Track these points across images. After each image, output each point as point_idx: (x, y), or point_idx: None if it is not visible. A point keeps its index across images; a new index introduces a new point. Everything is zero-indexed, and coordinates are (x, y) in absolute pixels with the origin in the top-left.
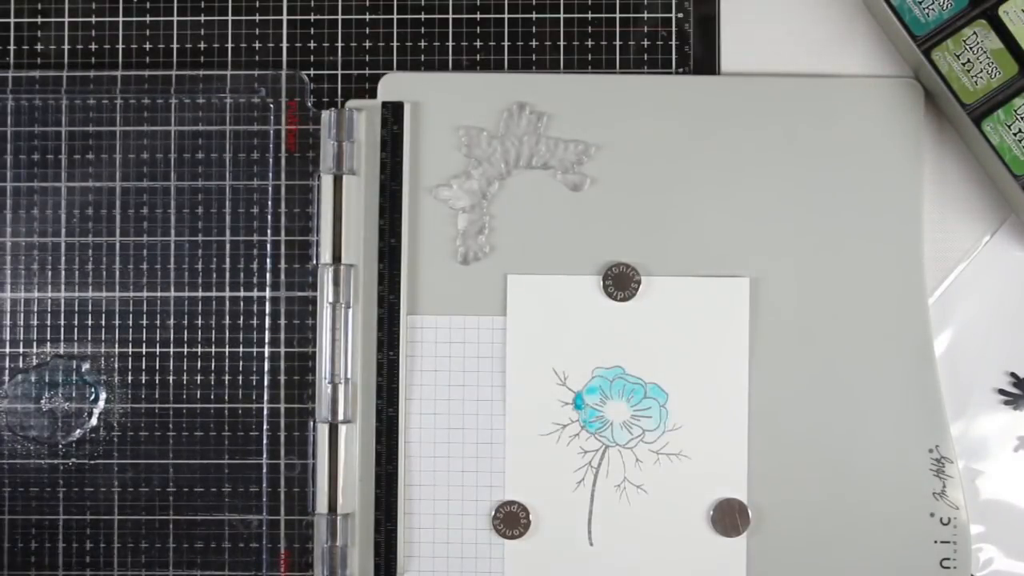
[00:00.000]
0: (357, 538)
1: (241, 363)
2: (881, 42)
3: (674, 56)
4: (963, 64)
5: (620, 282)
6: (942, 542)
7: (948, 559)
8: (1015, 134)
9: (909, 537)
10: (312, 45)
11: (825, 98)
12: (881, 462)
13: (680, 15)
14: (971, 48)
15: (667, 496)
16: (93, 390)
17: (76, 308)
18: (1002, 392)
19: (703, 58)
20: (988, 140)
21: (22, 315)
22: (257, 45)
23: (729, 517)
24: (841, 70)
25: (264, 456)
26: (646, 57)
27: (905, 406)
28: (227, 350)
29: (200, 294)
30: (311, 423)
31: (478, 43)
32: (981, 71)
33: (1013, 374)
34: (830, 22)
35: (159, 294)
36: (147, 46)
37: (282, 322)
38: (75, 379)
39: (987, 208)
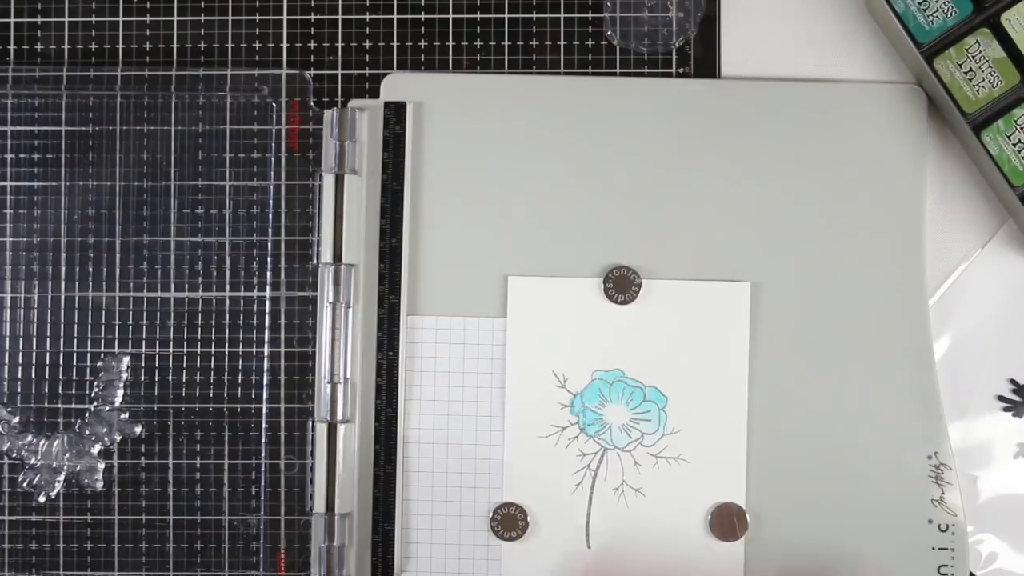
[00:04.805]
0: (355, 538)
1: (241, 363)
2: (884, 48)
3: (674, 56)
4: (965, 73)
5: (621, 285)
6: (940, 548)
7: (946, 566)
8: (1014, 144)
9: (907, 543)
10: (312, 45)
11: (828, 103)
12: (880, 468)
13: (680, 15)
14: (973, 56)
15: (665, 500)
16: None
17: (76, 308)
18: (1002, 399)
19: (703, 59)
20: (987, 150)
21: (22, 314)
22: (257, 45)
23: (727, 522)
24: (843, 75)
25: (263, 456)
26: (646, 57)
27: (904, 412)
28: (227, 350)
29: (200, 294)
30: (310, 423)
31: (478, 43)
32: (983, 80)
33: (1013, 380)
34: (832, 27)
35: (159, 294)
36: (147, 46)
37: (282, 322)
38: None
39: (988, 210)
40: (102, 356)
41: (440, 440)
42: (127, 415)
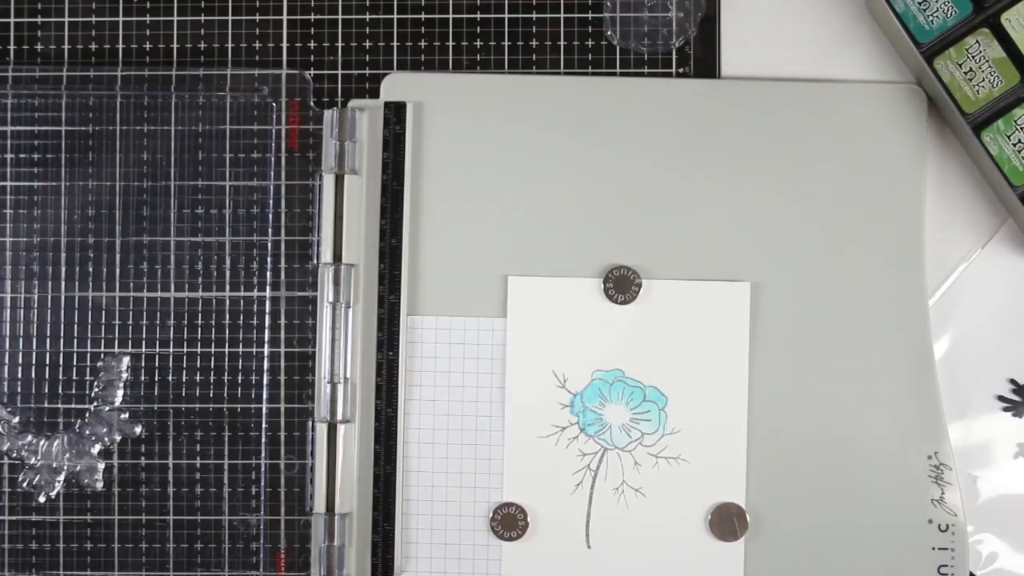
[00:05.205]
0: (355, 538)
1: (241, 363)
2: (884, 48)
3: (674, 56)
4: (965, 73)
5: (621, 285)
6: (940, 548)
7: (946, 565)
8: (1014, 145)
9: (907, 543)
10: (312, 45)
11: (827, 103)
12: (880, 468)
13: (680, 15)
14: (973, 56)
15: (665, 500)
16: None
17: (76, 308)
18: (1002, 399)
19: (703, 59)
20: (987, 150)
21: (22, 314)
22: (257, 45)
23: (727, 522)
24: (843, 75)
25: (263, 456)
26: (646, 57)
27: (904, 412)
28: (227, 350)
29: (200, 294)
30: (310, 423)
31: (478, 43)
32: (983, 80)
33: (1013, 380)
34: (832, 27)
35: (159, 294)
36: (147, 46)
37: (282, 322)
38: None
39: (988, 210)
40: (102, 356)
41: (440, 440)
42: (127, 415)
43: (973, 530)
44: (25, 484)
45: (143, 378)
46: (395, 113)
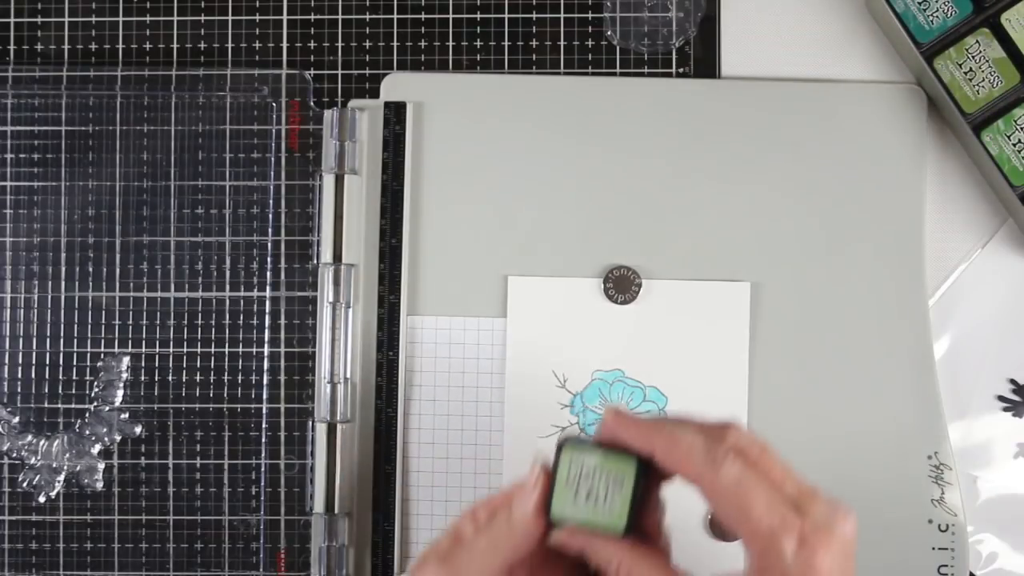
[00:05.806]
0: (355, 538)
1: (241, 363)
2: (884, 48)
3: (674, 56)
4: (965, 73)
5: (621, 285)
6: (940, 548)
7: (946, 565)
8: (1014, 144)
9: (907, 543)
10: (312, 45)
11: (827, 103)
12: (880, 468)
13: (680, 15)
14: (973, 56)
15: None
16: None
17: (76, 308)
18: (1002, 399)
19: (703, 59)
20: (987, 150)
21: (22, 314)
22: (257, 45)
23: None
24: (843, 75)
25: (263, 456)
26: (646, 57)
27: (904, 412)
28: (227, 350)
29: (200, 294)
30: (310, 423)
31: (478, 43)
32: (983, 80)
33: (1013, 380)
34: (832, 27)
35: (159, 294)
36: (147, 46)
37: (282, 322)
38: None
39: (988, 210)
40: (102, 356)
41: (440, 440)
42: (127, 415)
43: (973, 530)
44: (25, 484)
45: (143, 378)
46: (395, 113)
